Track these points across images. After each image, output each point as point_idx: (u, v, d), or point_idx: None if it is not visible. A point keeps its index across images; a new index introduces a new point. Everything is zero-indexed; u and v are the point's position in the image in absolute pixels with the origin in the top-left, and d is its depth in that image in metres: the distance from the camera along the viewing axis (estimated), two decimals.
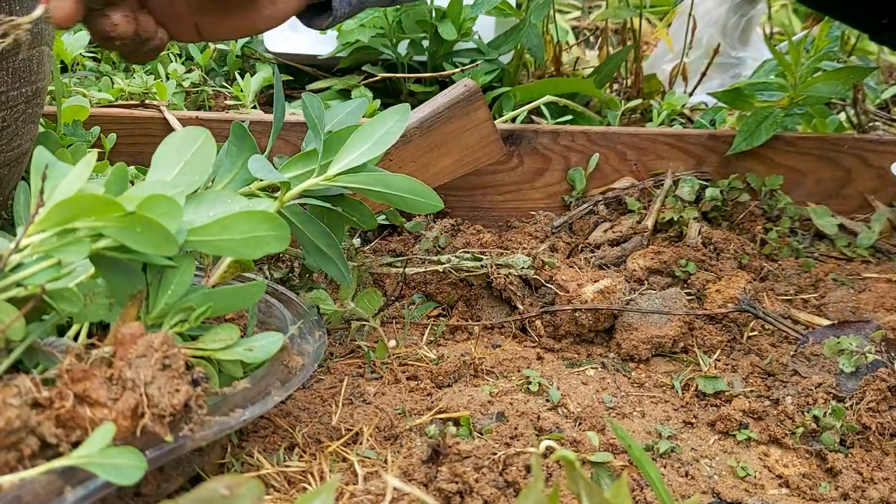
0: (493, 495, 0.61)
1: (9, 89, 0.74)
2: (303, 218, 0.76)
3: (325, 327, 0.74)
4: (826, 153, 1.22)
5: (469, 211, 1.21)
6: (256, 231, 0.60)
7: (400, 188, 0.74)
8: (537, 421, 0.75)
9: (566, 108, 1.36)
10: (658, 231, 1.15)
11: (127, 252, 0.56)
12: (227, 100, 1.43)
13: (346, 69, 1.53)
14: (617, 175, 1.22)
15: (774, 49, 1.16)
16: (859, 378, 0.78)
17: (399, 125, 0.75)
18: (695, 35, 1.57)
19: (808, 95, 1.17)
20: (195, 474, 0.63)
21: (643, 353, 0.89)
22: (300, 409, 0.75)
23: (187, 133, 0.65)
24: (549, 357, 0.89)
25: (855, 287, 1.05)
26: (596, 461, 0.70)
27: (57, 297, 0.56)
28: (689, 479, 0.70)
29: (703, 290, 1.00)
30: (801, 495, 0.69)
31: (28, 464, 0.49)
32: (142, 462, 0.49)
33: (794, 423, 0.77)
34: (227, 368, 0.63)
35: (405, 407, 0.76)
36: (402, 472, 0.65)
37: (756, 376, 0.86)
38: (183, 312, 0.62)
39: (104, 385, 0.52)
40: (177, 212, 0.55)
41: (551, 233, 1.13)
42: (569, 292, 0.92)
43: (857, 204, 1.24)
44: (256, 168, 0.73)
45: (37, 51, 0.76)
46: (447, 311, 0.98)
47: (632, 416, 0.79)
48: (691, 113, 1.48)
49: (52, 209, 0.53)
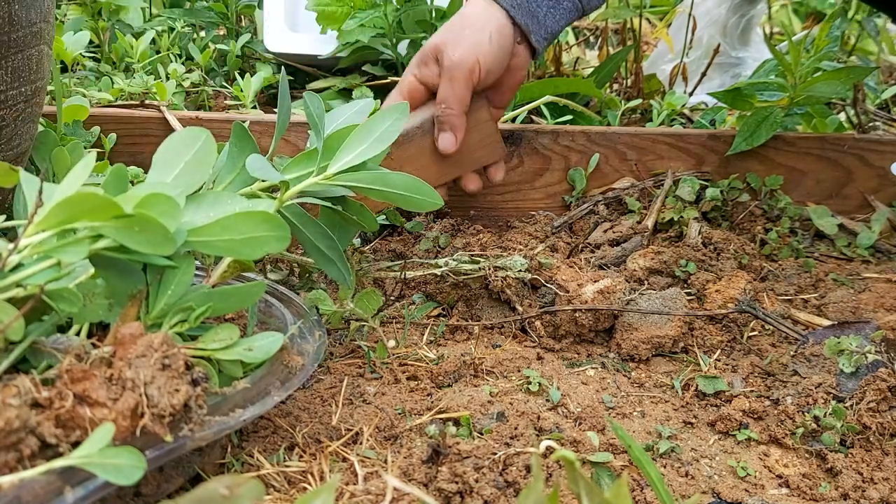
0: (493, 495, 0.61)
1: (8, 88, 0.74)
2: (303, 219, 0.76)
3: (325, 327, 0.74)
4: (826, 153, 1.22)
5: (469, 211, 1.21)
6: (256, 231, 0.60)
7: (400, 186, 0.74)
8: (537, 421, 0.75)
9: (566, 108, 1.36)
10: (658, 231, 1.15)
11: (126, 252, 0.56)
12: (227, 100, 1.43)
13: (346, 69, 1.53)
14: (617, 175, 1.22)
15: (774, 49, 1.16)
16: (859, 378, 0.78)
17: (398, 123, 0.75)
18: (695, 35, 1.57)
19: (808, 95, 1.17)
20: (195, 474, 0.63)
21: (643, 353, 0.89)
22: (300, 409, 0.75)
23: (187, 133, 0.65)
24: (549, 357, 0.89)
25: (855, 287, 1.05)
26: (596, 461, 0.70)
27: (56, 297, 0.56)
28: (689, 479, 0.70)
29: (703, 291, 1.00)
30: (801, 495, 0.69)
31: (28, 464, 0.49)
32: (141, 462, 0.49)
33: (795, 424, 0.77)
34: (226, 368, 0.63)
35: (405, 407, 0.76)
36: (402, 472, 0.65)
37: (756, 376, 0.86)
38: (183, 312, 0.62)
39: (104, 385, 0.52)
40: (175, 211, 0.55)
41: (551, 233, 1.13)
42: (569, 292, 0.92)
43: (857, 204, 1.24)
44: (256, 168, 0.73)
45: (36, 50, 0.76)
46: (447, 311, 0.98)
47: (632, 416, 0.79)
48: (691, 113, 1.48)
49: (51, 209, 0.53)
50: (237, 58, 1.53)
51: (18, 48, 0.74)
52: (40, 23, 0.76)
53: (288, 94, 0.82)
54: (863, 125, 1.30)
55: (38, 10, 0.76)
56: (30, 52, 0.75)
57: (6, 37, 0.72)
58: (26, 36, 0.74)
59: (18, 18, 0.73)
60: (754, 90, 1.21)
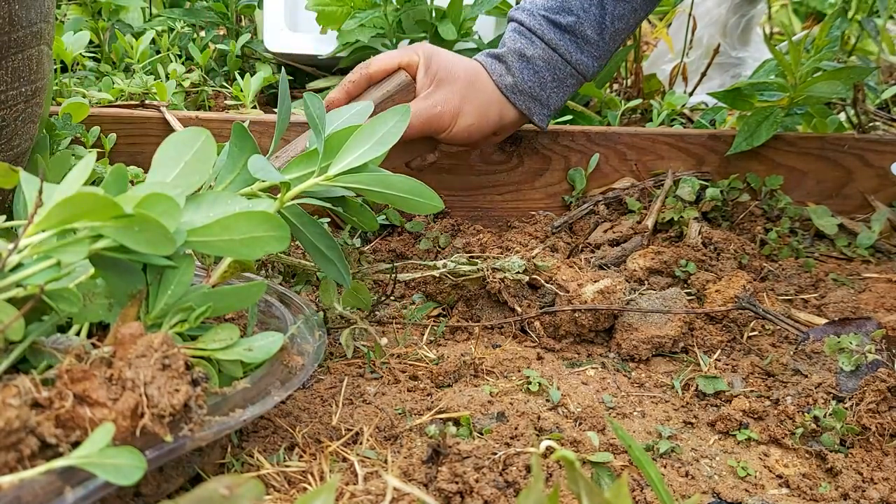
0: (493, 495, 0.61)
1: (8, 88, 0.74)
2: (304, 219, 0.76)
3: (325, 327, 0.74)
4: (826, 153, 1.22)
5: (469, 211, 1.21)
6: (256, 231, 0.60)
7: (400, 189, 0.74)
8: (537, 421, 0.75)
9: (566, 108, 1.36)
10: (658, 231, 1.15)
11: (126, 252, 0.56)
12: (227, 100, 1.43)
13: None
14: (617, 175, 1.22)
15: (774, 49, 1.16)
16: (859, 378, 0.78)
17: (400, 125, 0.75)
18: (695, 35, 1.57)
19: (808, 95, 1.17)
20: (195, 474, 0.63)
21: (643, 353, 0.89)
22: (300, 409, 0.75)
23: (187, 133, 0.65)
24: (549, 357, 0.89)
25: (855, 287, 1.05)
26: (596, 461, 0.70)
27: (56, 297, 0.56)
28: (689, 479, 0.70)
29: (703, 290, 1.00)
30: (801, 495, 0.69)
31: (28, 464, 0.48)
32: (141, 462, 0.49)
33: (795, 424, 0.77)
34: (226, 368, 0.63)
35: (405, 407, 0.76)
36: (402, 472, 0.65)
37: (756, 376, 0.86)
38: (183, 312, 0.62)
39: (104, 385, 0.52)
40: (175, 210, 0.55)
41: (551, 233, 1.13)
42: (569, 292, 0.92)
43: (857, 204, 1.24)
44: (256, 168, 0.73)
45: (36, 50, 0.76)
46: (447, 312, 0.98)
47: (632, 416, 0.79)
48: (691, 113, 1.48)
49: (51, 209, 0.53)
50: (237, 58, 1.53)
51: (18, 48, 0.74)
52: (40, 23, 0.76)
53: (288, 95, 0.82)
54: (863, 125, 1.30)
55: (39, 10, 0.76)
56: (30, 53, 0.75)
57: (6, 37, 0.72)
58: (26, 36, 0.74)
59: (18, 18, 0.73)
60: (754, 90, 1.21)
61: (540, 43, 1.05)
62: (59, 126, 1.01)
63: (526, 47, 1.05)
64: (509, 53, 1.05)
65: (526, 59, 1.05)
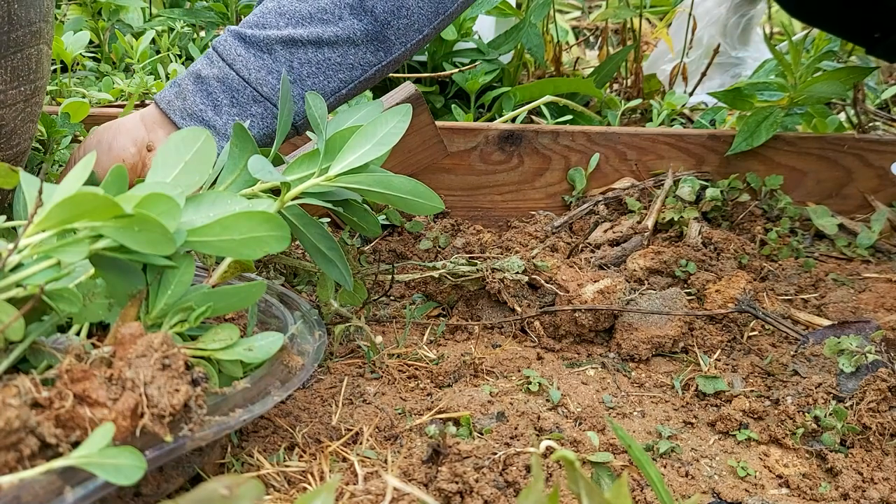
0: (493, 495, 0.61)
1: (7, 88, 0.74)
2: (304, 220, 0.76)
3: (325, 327, 0.74)
4: (826, 153, 1.22)
5: (469, 211, 1.21)
6: (256, 231, 0.60)
7: (401, 189, 0.74)
8: (537, 421, 0.75)
9: (566, 108, 1.36)
10: (658, 231, 1.15)
11: (126, 252, 0.56)
12: None
13: None
14: (617, 175, 1.22)
15: (774, 49, 1.16)
16: (859, 378, 0.78)
17: (401, 126, 0.74)
18: (695, 35, 1.57)
19: (808, 95, 1.17)
20: (195, 474, 0.63)
21: (643, 353, 0.89)
22: (300, 409, 0.75)
23: (187, 133, 0.65)
24: (549, 357, 0.89)
25: (855, 287, 1.05)
26: (596, 461, 0.70)
27: (56, 297, 0.56)
28: (689, 479, 0.70)
29: (703, 290, 1.00)
30: (801, 495, 0.69)
31: (28, 464, 0.48)
32: (141, 462, 0.49)
33: (795, 424, 0.77)
34: (227, 368, 0.63)
35: (405, 407, 0.76)
36: (402, 472, 0.65)
37: (756, 376, 0.86)
38: (183, 312, 0.62)
39: (104, 385, 0.52)
40: (175, 210, 0.55)
41: (551, 233, 1.13)
42: (569, 292, 0.92)
43: (857, 204, 1.24)
44: (256, 168, 0.73)
45: (35, 49, 0.76)
46: (447, 311, 0.98)
47: (632, 416, 0.79)
48: (691, 113, 1.49)
49: (51, 210, 0.53)
50: None
51: (18, 47, 0.74)
52: (40, 22, 0.76)
53: (289, 96, 0.82)
54: (863, 125, 1.30)
55: (38, 9, 0.76)
56: (29, 52, 0.75)
57: (6, 36, 0.72)
58: (26, 35, 0.74)
59: (18, 18, 0.73)
60: (754, 90, 1.21)
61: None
62: (59, 124, 1.00)
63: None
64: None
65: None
